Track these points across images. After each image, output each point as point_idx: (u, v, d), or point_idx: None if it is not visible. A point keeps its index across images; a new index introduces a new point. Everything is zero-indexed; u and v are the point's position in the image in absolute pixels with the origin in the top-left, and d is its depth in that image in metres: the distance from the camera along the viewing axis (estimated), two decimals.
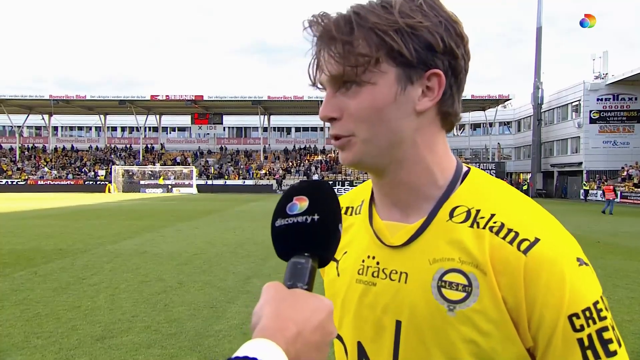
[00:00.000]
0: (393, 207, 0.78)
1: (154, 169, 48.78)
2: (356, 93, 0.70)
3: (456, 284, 0.68)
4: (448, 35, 0.69)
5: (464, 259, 0.68)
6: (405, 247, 0.74)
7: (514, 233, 0.67)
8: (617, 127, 41.72)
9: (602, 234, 13.24)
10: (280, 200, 0.64)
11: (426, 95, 0.70)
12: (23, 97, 49.58)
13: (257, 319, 0.54)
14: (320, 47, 0.70)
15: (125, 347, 4.15)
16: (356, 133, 0.71)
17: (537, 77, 44.19)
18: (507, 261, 0.65)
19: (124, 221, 15.81)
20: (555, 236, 0.67)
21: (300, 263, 0.59)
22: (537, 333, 0.65)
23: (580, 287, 0.64)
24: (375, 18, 0.67)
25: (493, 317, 0.65)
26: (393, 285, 0.74)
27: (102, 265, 7.92)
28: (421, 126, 0.72)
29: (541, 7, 43.31)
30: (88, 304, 5.54)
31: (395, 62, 0.68)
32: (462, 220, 0.71)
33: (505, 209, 0.70)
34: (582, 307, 0.64)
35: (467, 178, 0.76)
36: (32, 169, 50.97)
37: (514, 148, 55.99)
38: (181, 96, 49.01)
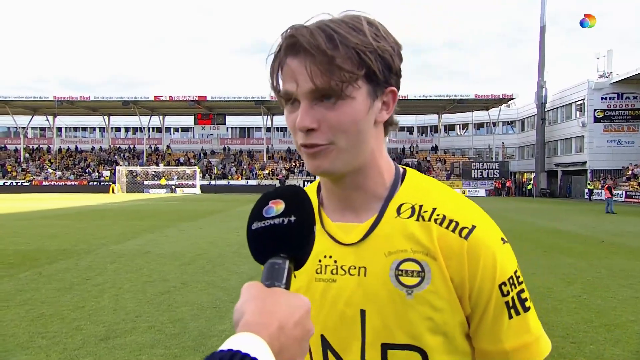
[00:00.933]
0: (344, 209, 0.86)
1: (158, 170, 48.92)
2: (338, 106, 0.75)
3: (411, 271, 0.79)
4: (397, 57, 0.80)
5: (416, 249, 0.79)
6: (360, 243, 0.82)
7: (455, 223, 0.79)
8: (622, 126, 41.50)
9: (606, 234, 13.18)
10: (256, 205, 0.67)
11: (383, 109, 0.81)
12: (27, 98, 49.83)
13: (239, 316, 0.56)
14: (305, 59, 0.73)
15: (129, 347, 4.17)
16: (335, 142, 0.77)
17: (541, 76, 44.03)
18: (452, 246, 0.78)
19: (128, 221, 15.86)
20: (485, 222, 0.81)
21: (278, 264, 0.62)
22: (476, 302, 0.78)
23: (505, 261, 0.79)
24: (354, 39, 0.74)
25: (444, 295, 0.78)
26: (353, 279, 0.82)
27: (106, 265, 7.95)
28: (377, 135, 0.82)
29: (545, 6, 43.16)
30: (92, 304, 5.56)
31: (368, 80, 0.76)
32: (409, 215, 0.82)
33: (444, 203, 0.82)
34: (507, 276, 0.79)
35: (406, 178, 0.87)
36: (37, 169, 51.21)
37: (518, 147, 55.79)
38: (184, 97, 49.13)
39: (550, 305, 5.61)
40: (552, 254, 9.39)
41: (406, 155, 55.20)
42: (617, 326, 4.83)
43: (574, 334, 4.57)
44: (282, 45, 0.76)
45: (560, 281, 6.91)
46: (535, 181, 44.43)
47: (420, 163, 51.49)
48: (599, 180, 38.12)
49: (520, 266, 0.82)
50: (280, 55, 0.76)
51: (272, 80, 0.78)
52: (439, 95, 48.42)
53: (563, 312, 5.33)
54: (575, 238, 12.21)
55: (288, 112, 0.79)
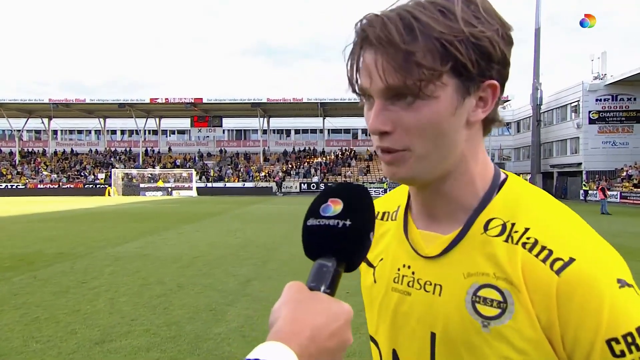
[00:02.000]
0: (428, 216, 0.77)
1: (154, 172, 48.78)
2: (416, 107, 0.65)
3: (491, 299, 0.66)
4: (503, 43, 0.66)
5: (499, 275, 0.67)
6: (439, 258, 0.73)
7: (548, 251, 0.64)
8: (617, 127, 41.74)
9: (603, 235, 12.98)
10: (315, 199, 0.64)
11: (479, 107, 0.69)
12: (23, 101, 49.60)
13: (274, 319, 0.54)
14: (376, 53, 0.65)
15: (124, 351, 4.14)
16: (412, 148, 0.67)
17: (536, 78, 44.24)
18: (540, 280, 0.63)
19: (124, 224, 15.80)
20: (593, 256, 0.63)
21: (326, 266, 0.59)
22: (573, 354, 0.62)
23: (620, 310, 0.60)
24: (439, 26, 0.62)
25: (528, 335, 0.64)
26: (427, 296, 0.73)
27: (102, 268, 7.90)
28: (469, 137, 0.71)
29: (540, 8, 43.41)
30: (87, 307, 5.53)
31: (456, 74, 0.65)
32: (497, 233, 0.69)
33: (541, 223, 0.67)
34: (622, 332, 0.59)
35: (503, 187, 0.73)
36: (32, 172, 50.96)
37: (514, 149, 56.01)
38: (181, 99, 49.04)
39: None
40: None
41: None
42: None
43: None
44: (356, 38, 0.67)
45: None
46: (531, 182, 44.55)
47: None
48: (594, 181, 38.31)
49: None
50: (357, 49, 0.68)
51: (351, 78, 0.69)
52: None
53: None
54: None
55: (366, 109, 0.71)
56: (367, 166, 51.45)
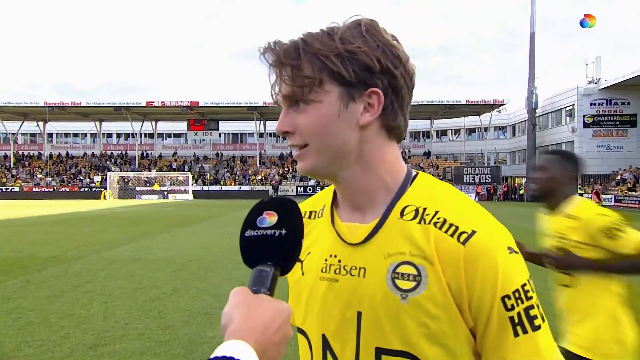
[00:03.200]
0: (352, 209, 0.86)
1: (150, 175, 48.64)
2: (304, 110, 0.79)
3: (407, 274, 0.76)
4: (385, 57, 0.78)
5: (414, 252, 0.77)
6: (363, 244, 0.82)
7: (454, 227, 0.76)
8: (611, 131, 42.03)
9: None
10: (250, 213, 0.72)
11: (367, 111, 0.79)
12: (18, 103, 49.39)
13: (227, 320, 0.63)
14: (274, 71, 0.80)
15: (118, 355, 4.12)
16: (309, 143, 0.80)
17: (531, 82, 44.48)
18: (450, 252, 0.74)
19: (119, 228, 15.73)
20: (489, 228, 0.76)
21: (265, 271, 0.67)
22: (477, 314, 0.74)
23: (510, 272, 0.74)
24: (318, 44, 0.77)
25: (440, 302, 0.74)
26: (353, 280, 0.81)
27: (96, 272, 7.87)
28: (366, 138, 0.81)
29: (534, 13, 43.70)
30: (81, 311, 5.50)
31: (337, 82, 0.77)
32: (412, 217, 0.80)
33: (447, 206, 0.79)
34: (512, 289, 0.73)
35: (415, 181, 0.85)
36: (27, 176, 50.69)
37: (509, 152, 56.22)
38: (177, 102, 48.98)
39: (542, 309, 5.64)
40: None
41: None
42: None
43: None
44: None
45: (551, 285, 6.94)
46: (526, 186, 44.76)
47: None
48: (589, 185, 38.50)
49: None
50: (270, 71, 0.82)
51: (271, 93, 0.83)
52: (431, 101, 48.70)
53: (553, 316, 5.34)
54: None
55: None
56: None
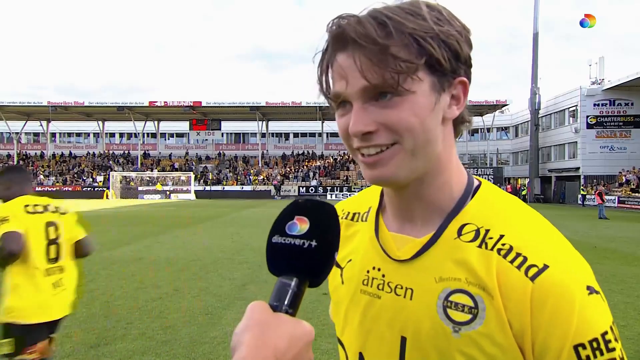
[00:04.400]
0: (403, 218, 0.76)
1: (152, 175, 48.75)
2: (395, 103, 0.66)
3: (462, 305, 0.67)
4: (466, 44, 0.69)
5: (471, 280, 0.67)
6: (411, 261, 0.73)
7: (522, 257, 0.65)
8: (614, 132, 41.89)
9: (599, 239, 13.26)
10: (281, 215, 0.62)
11: (452, 104, 0.70)
12: (21, 103, 49.57)
13: (237, 342, 0.54)
14: (353, 52, 0.65)
15: (120, 354, 4.14)
16: (400, 142, 0.67)
17: (534, 83, 44.39)
18: (514, 286, 0.64)
19: (121, 228, 15.77)
20: (566, 263, 0.65)
21: (289, 285, 0.59)
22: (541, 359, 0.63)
23: (588, 316, 0.62)
24: (411, 24, 0.64)
25: (499, 341, 0.64)
26: (398, 300, 0.72)
27: (98, 271, 7.89)
28: (445, 137, 0.71)
29: (537, 14, 43.60)
30: (83, 311, 5.52)
31: (431, 70, 0.66)
32: (471, 239, 0.69)
33: (515, 230, 0.68)
34: (589, 338, 0.62)
35: (477, 193, 0.74)
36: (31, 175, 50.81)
37: (512, 153, 56.13)
38: (179, 102, 49.07)
39: None
40: None
41: None
42: None
43: None
44: (329, 39, 0.67)
45: None
46: (529, 187, 44.69)
47: None
48: (592, 186, 38.39)
49: None
50: (329, 52, 0.68)
51: (321, 82, 0.69)
52: None
53: None
54: None
55: (339, 115, 0.70)
56: None
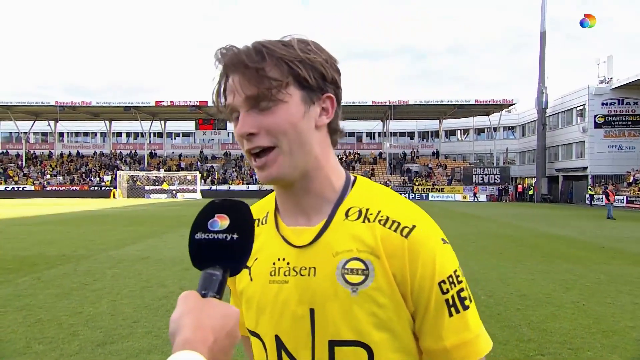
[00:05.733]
0: (297, 214, 0.90)
1: (159, 175, 48.97)
2: (271, 111, 0.81)
3: (356, 269, 0.82)
4: (332, 69, 0.86)
5: (361, 249, 0.83)
6: (311, 245, 0.86)
7: (397, 223, 0.84)
8: (623, 131, 41.51)
9: (606, 239, 13.15)
10: (201, 214, 0.71)
11: (322, 114, 0.86)
12: (30, 103, 50.01)
13: (175, 327, 0.62)
14: (235, 75, 0.81)
15: (126, 353, 4.16)
16: (278, 144, 0.82)
17: (541, 82, 44.10)
18: (394, 245, 0.82)
19: (128, 227, 15.87)
20: (426, 223, 0.85)
21: (215, 275, 0.67)
22: (418, 299, 0.82)
23: (444, 260, 0.83)
24: (282, 51, 0.81)
25: (387, 291, 0.81)
26: (304, 279, 0.85)
27: (104, 271, 7.95)
28: (320, 140, 0.87)
29: (545, 12, 43.32)
30: (90, 309, 5.56)
31: (300, 86, 0.82)
32: (356, 218, 0.86)
33: (388, 205, 0.87)
34: (446, 275, 0.82)
35: (355, 184, 0.91)
36: (38, 174, 51.31)
37: (519, 153, 55.79)
38: (185, 102, 49.27)
39: (548, 311, 5.59)
40: (551, 260, 9.35)
41: (407, 161, 55.16)
42: (615, 332, 4.82)
43: (571, 340, 4.56)
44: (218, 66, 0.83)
45: (559, 287, 6.88)
46: (536, 186, 44.40)
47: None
48: (600, 185, 38.07)
49: (519, 272, 0.81)
50: (221, 75, 0.84)
51: (214, 100, 0.85)
52: (440, 101, 48.49)
53: (561, 318, 5.31)
54: (574, 244, 12.18)
55: (233, 125, 0.85)
56: (371, 169, 51.41)
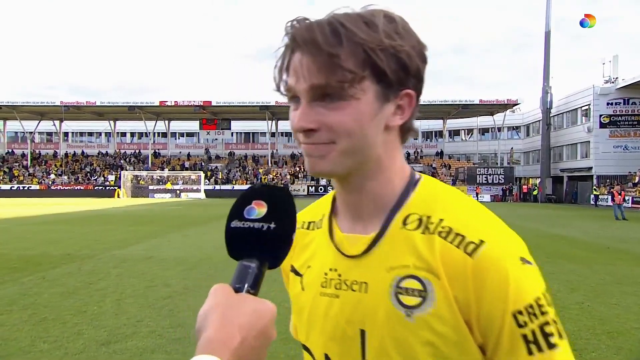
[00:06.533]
0: (355, 219, 0.79)
1: (163, 174, 49.12)
2: (338, 107, 0.69)
3: (412, 289, 0.70)
4: (418, 58, 0.72)
5: (418, 265, 0.71)
6: (363, 257, 0.76)
7: (460, 237, 0.70)
8: (628, 131, 41.28)
9: (611, 240, 13.07)
10: (238, 200, 0.66)
11: (397, 114, 0.74)
12: (35, 103, 50.29)
13: (202, 323, 0.56)
14: (302, 54, 0.69)
15: (130, 352, 4.18)
16: (337, 142, 0.71)
17: (546, 82, 43.93)
18: (456, 264, 0.68)
19: (132, 226, 15.92)
20: (499, 238, 0.70)
21: (250, 267, 0.62)
22: (487, 330, 0.68)
23: (522, 285, 0.67)
24: (363, 34, 0.67)
25: (448, 319, 0.68)
26: (355, 295, 0.75)
27: (108, 270, 7.98)
28: (387, 141, 0.75)
29: (549, 12, 43.16)
30: (94, 308, 5.58)
31: (376, 80, 0.69)
32: (415, 227, 0.73)
33: (453, 213, 0.73)
34: (525, 304, 0.67)
35: (419, 186, 0.78)
36: (43, 174, 51.58)
37: (523, 153, 55.59)
38: (189, 102, 49.41)
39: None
40: (555, 260, 9.30)
41: (411, 161, 55.10)
42: (620, 334, 4.79)
43: (576, 341, 4.53)
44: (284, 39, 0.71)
45: (563, 287, 6.85)
46: (540, 186, 44.23)
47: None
48: (605, 186, 37.86)
49: None
50: (286, 50, 0.72)
51: (276, 77, 0.73)
52: (444, 101, 48.39)
53: (565, 319, 5.29)
54: (579, 244, 12.12)
55: (291, 110, 0.74)
56: None
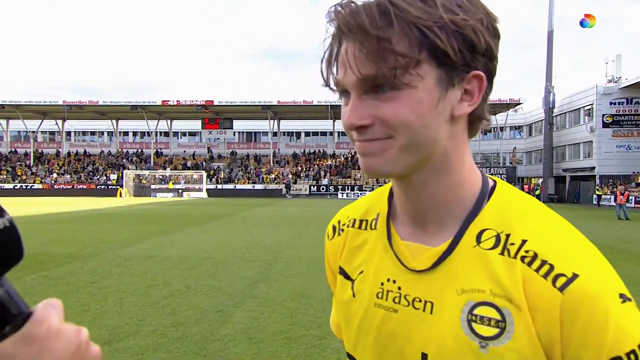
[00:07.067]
0: (414, 224, 0.70)
1: (165, 174, 49.20)
2: (392, 97, 0.60)
3: (488, 318, 0.61)
4: (489, 34, 0.61)
5: (496, 292, 0.61)
6: (429, 272, 0.67)
7: (549, 266, 0.59)
8: (631, 131, 41.16)
9: (614, 240, 13.03)
10: None
11: (464, 100, 0.63)
12: (37, 102, 50.43)
13: None
14: (348, 43, 0.60)
15: (132, 351, 4.19)
16: (395, 137, 0.61)
17: (549, 81, 43.82)
18: (542, 297, 0.59)
19: (134, 226, 15.95)
20: (595, 271, 0.59)
21: None
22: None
23: (623, 327, 0.56)
24: (417, 11, 0.58)
25: (528, 355, 0.59)
26: (417, 314, 0.66)
27: (111, 269, 8.00)
28: (454, 134, 0.64)
29: (552, 11, 43.03)
30: (96, 307, 5.60)
31: (437, 63, 0.60)
32: (491, 246, 0.64)
33: (538, 234, 0.62)
34: (626, 350, 0.56)
35: (494, 194, 0.68)
36: (46, 173, 51.73)
37: (526, 152, 55.52)
38: (192, 101, 49.48)
39: None
40: None
41: None
42: None
43: None
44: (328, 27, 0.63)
45: None
46: (543, 186, 44.14)
47: None
48: (608, 186, 37.76)
49: None
50: (333, 39, 0.63)
51: (324, 71, 0.64)
52: None
53: None
54: None
55: (343, 105, 0.65)
56: None
